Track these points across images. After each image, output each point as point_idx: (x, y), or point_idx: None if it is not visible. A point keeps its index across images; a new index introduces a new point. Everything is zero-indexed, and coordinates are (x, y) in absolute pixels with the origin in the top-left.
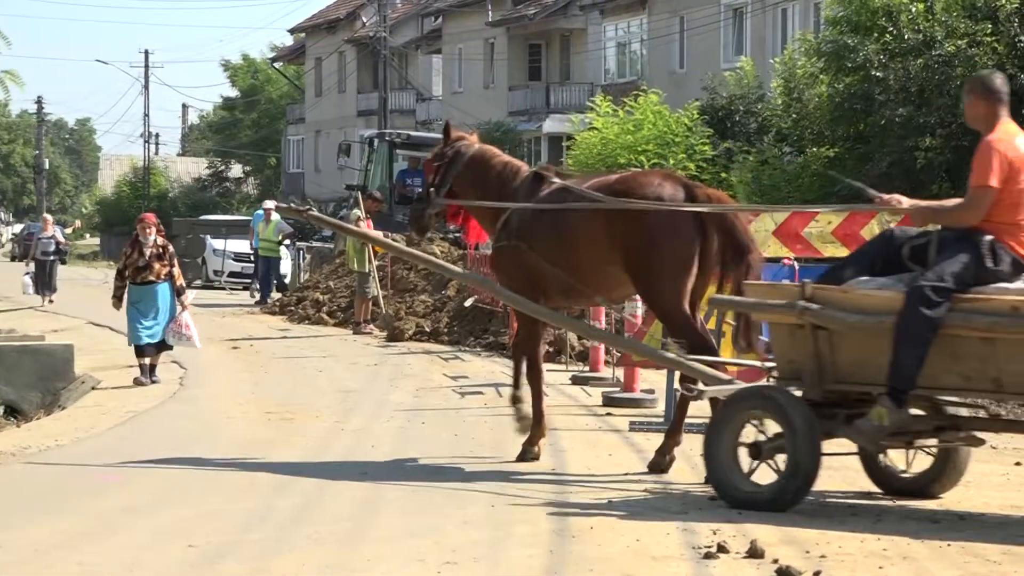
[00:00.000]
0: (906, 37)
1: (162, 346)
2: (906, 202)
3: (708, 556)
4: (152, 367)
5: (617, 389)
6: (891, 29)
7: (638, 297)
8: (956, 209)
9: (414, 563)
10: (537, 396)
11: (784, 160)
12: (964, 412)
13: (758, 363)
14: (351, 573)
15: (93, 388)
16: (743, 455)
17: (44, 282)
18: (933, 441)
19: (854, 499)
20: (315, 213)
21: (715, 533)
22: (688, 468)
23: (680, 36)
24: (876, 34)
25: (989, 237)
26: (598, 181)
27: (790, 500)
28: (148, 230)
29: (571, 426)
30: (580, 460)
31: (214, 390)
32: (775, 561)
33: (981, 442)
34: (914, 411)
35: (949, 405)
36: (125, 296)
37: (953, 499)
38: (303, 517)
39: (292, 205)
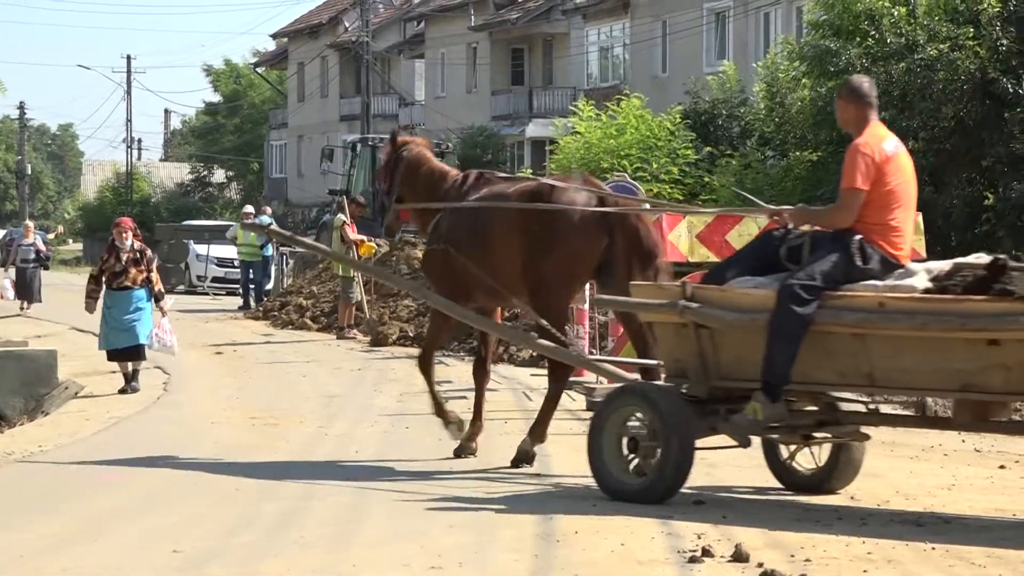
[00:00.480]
0: (888, 41)
1: (134, 353)
2: (786, 208)
3: (693, 560)
4: (134, 373)
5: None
6: (873, 33)
7: None
8: (829, 211)
9: (400, 567)
10: (433, 393)
11: (767, 164)
12: (858, 407)
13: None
14: None
15: (76, 394)
16: (624, 448)
17: (25, 290)
18: (825, 435)
19: (838, 503)
20: (276, 228)
21: (700, 537)
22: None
23: (663, 40)
24: (858, 38)
25: (858, 237)
26: (521, 187)
27: (662, 494)
28: (125, 234)
29: (556, 430)
30: (565, 464)
31: (198, 395)
32: (760, 565)
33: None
34: (809, 407)
35: (843, 401)
36: (100, 300)
37: (938, 502)
38: (289, 522)
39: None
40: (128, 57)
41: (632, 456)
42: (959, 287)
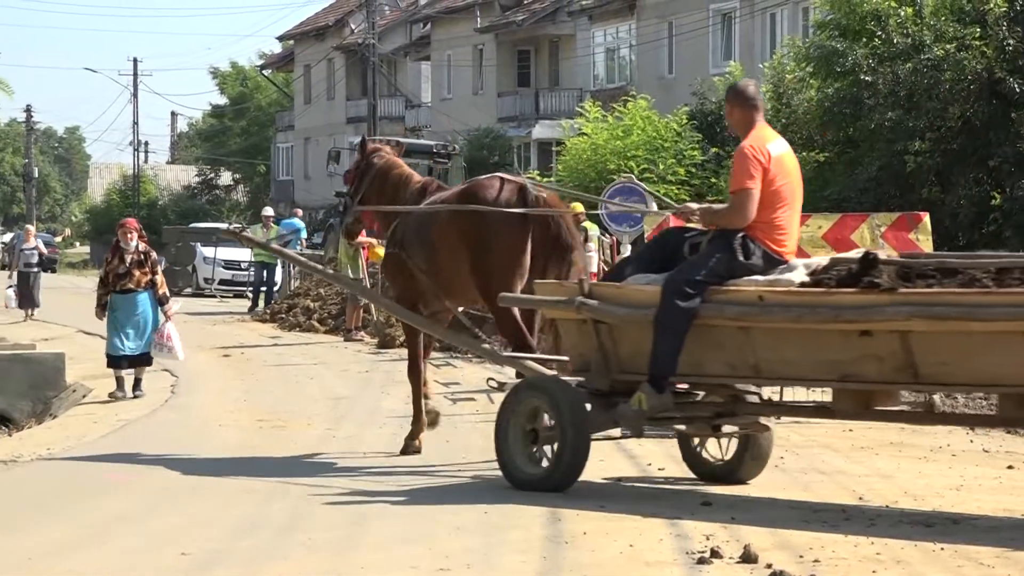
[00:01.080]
0: (895, 41)
1: (140, 360)
2: (695, 206)
3: (701, 561)
4: (137, 380)
5: None
6: (880, 33)
7: None
8: (724, 212)
9: (407, 570)
10: (417, 393)
11: None
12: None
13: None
14: None
15: (84, 397)
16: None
17: (27, 295)
18: (726, 426)
19: (847, 503)
20: (248, 235)
21: (708, 538)
22: (681, 473)
23: (669, 41)
24: (865, 38)
25: (741, 234)
26: (454, 191)
27: (558, 483)
28: (129, 235)
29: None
30: None
31: (205, 398)
32: (769, 566)
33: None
34: (716, 398)
35: (749, 393)
36: (108, 305)
37: (946, 503)
38: (296, 524)
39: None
40: (135, 60)
41: (534, 446)
42: (833, 280)
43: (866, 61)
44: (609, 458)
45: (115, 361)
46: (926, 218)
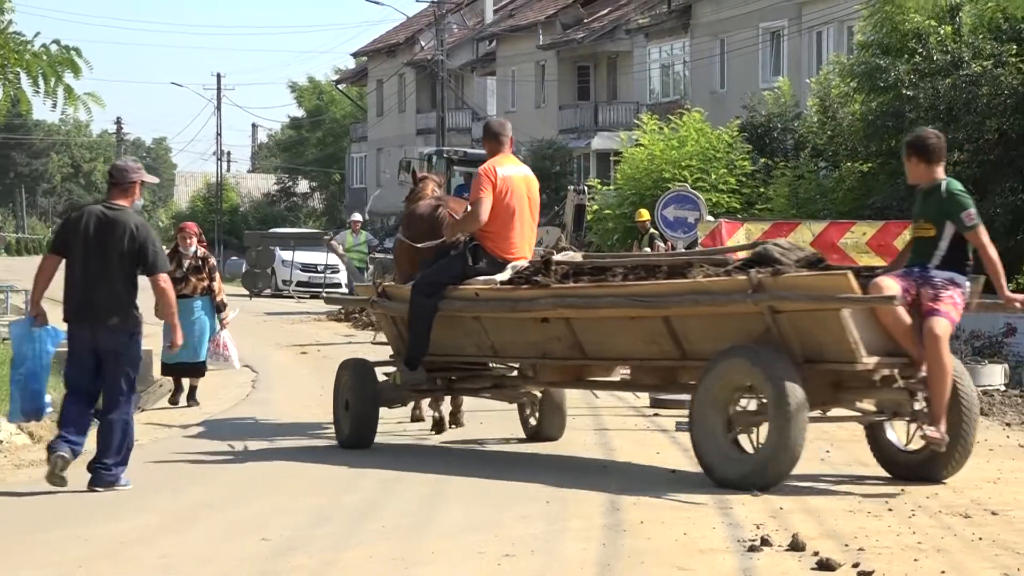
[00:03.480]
0: (935, 58)
1: (195, 370)
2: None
3: (752, 549)
4: (192, 389)
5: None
6: (920, 51)
7: None
8: (464, 219)
9: (475, 556)
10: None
11: (820, 175)
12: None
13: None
14: (416, 566)
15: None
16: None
17: None
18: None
19: (890, 494)
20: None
21: (758, 527)
22: None
23: (721, 58)
24: (906, 56)
25: (473, 243)
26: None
27: (347, 444)
28: (188, 240)
29: (621, 427)
30: (630, 459)
31: (284, 393)
32: (816, 554)
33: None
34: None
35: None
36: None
37: (984, 495)
38: (369, 512)
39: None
40: (218, 75)
41: (347, 410)
42: (522, 279)
43: (907, 77)
44: (664, 451)
45: (169, 369)
46: None
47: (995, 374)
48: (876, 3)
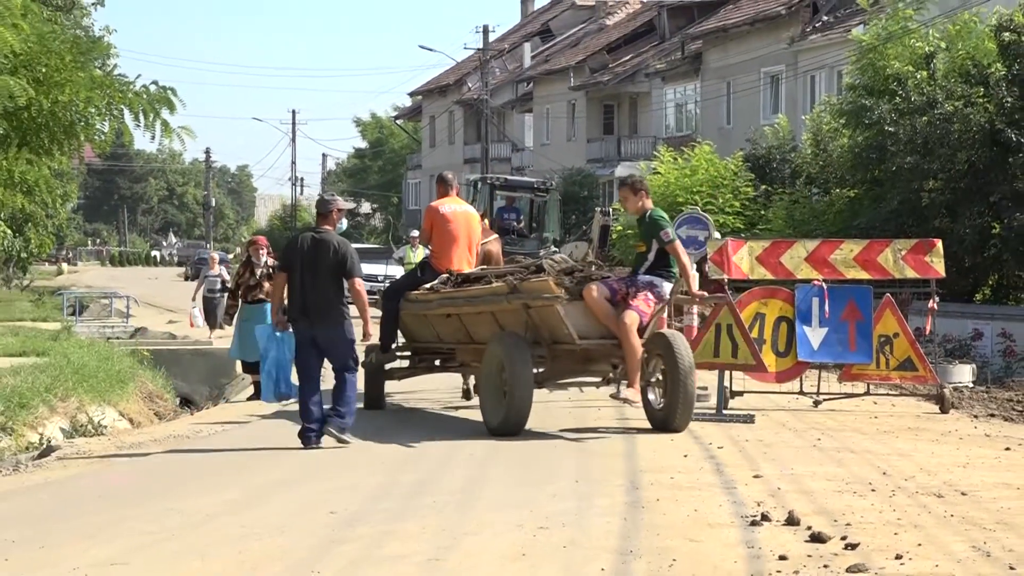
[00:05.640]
0: (912, 99)
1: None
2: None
3: (754, 524)
4: None
5: None
6: (900, 92)
7: (695, 308)
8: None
9: (515, 528)
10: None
11: (813, 200)
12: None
13: None
14: (462, 537)
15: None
16: None
17: (211, 318)
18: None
19: (873, 477)
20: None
21: (759, 505)
22: (736, 452)
23: (727, 98)
24: (888, 96)
25: (426, 260)
26: None
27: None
28: (260, 251)
29: (639, 417)
30: (647, 445)
31: None
32: (809, 528)
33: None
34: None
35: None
36: (237, 314)
37: (955, 478)
38: (423, 489)
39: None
40: (293, 112)
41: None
42: (436, 287)
43: (889, 115)
44: (677, 439)
45: (248, 366)
46: (939, 244)
47: (964, 373)
48: (862, 51)
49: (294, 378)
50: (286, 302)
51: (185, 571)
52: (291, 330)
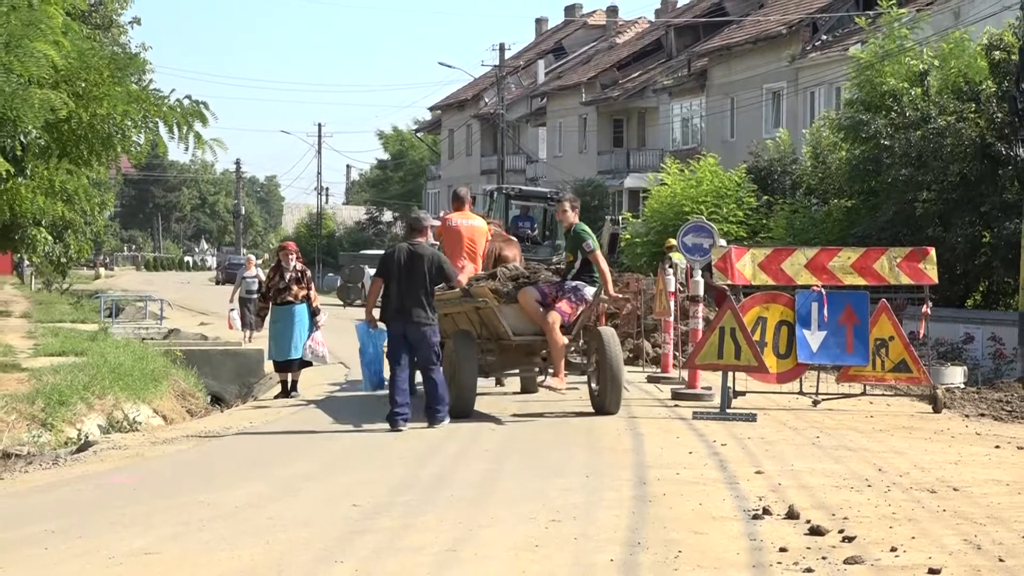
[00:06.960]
0: (907, 114)
1: (303, 363)
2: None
3: (755, 517)
4: (293, 383)
5: (683, 386)
6: (895, 108)
7: (699, 312)
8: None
9: (527, 520)
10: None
11: (812, 209)
12: None
13: None
14: (478, 528)
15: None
16: None
17: (249, 319)
18: None
19: (869, 474)
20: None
21: (760, 499)
22: (739, 449)
23: (731, 113)
24: (884, 112)
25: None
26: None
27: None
28: (289, 256)
29: (647, 415)
30: (654, 442)
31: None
32: (808, 521)
33: None
34: None
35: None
36: (268, 316)
37: (947, 474)
38: (442, 483)
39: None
40: (319, 124)
41: None
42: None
43: (885, 129)
44: (683, 436)
45: (282, 366)
46: (932, 252)
47: (956, 375)
48: (859, 69)
49: (385, 372)
50: (382, 305)
51: (215, 561)
52: (384, 328)
